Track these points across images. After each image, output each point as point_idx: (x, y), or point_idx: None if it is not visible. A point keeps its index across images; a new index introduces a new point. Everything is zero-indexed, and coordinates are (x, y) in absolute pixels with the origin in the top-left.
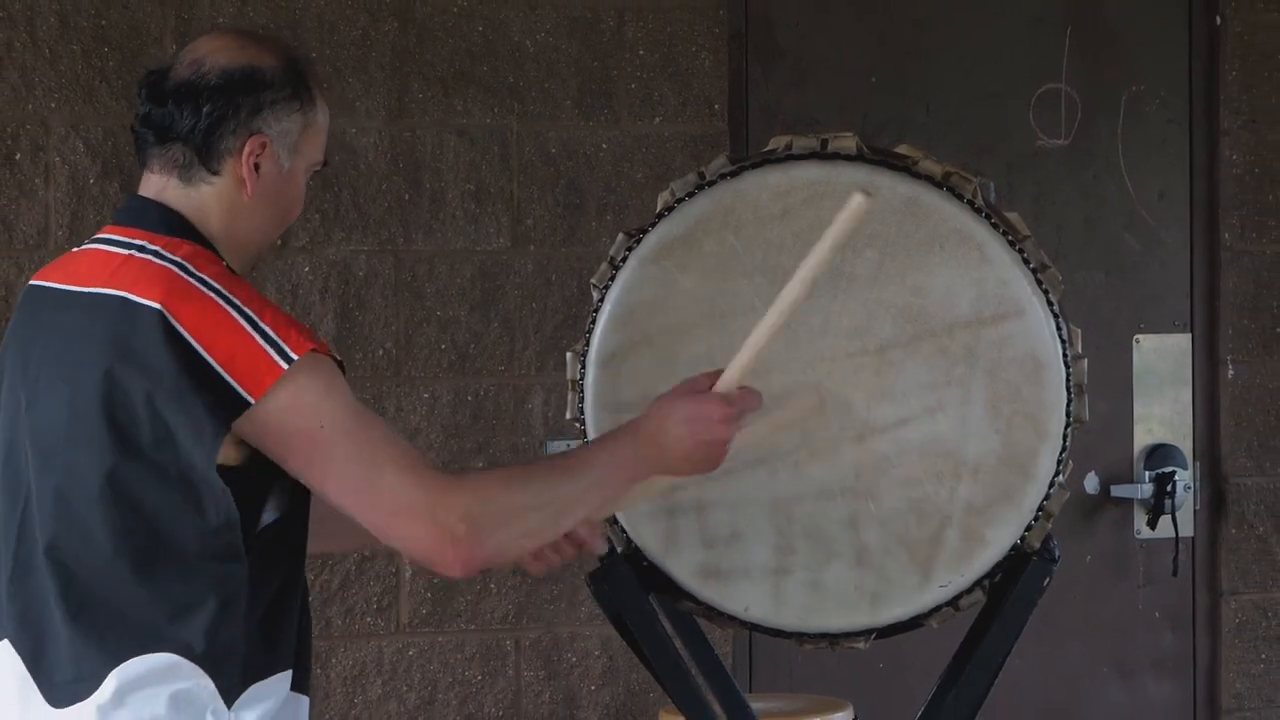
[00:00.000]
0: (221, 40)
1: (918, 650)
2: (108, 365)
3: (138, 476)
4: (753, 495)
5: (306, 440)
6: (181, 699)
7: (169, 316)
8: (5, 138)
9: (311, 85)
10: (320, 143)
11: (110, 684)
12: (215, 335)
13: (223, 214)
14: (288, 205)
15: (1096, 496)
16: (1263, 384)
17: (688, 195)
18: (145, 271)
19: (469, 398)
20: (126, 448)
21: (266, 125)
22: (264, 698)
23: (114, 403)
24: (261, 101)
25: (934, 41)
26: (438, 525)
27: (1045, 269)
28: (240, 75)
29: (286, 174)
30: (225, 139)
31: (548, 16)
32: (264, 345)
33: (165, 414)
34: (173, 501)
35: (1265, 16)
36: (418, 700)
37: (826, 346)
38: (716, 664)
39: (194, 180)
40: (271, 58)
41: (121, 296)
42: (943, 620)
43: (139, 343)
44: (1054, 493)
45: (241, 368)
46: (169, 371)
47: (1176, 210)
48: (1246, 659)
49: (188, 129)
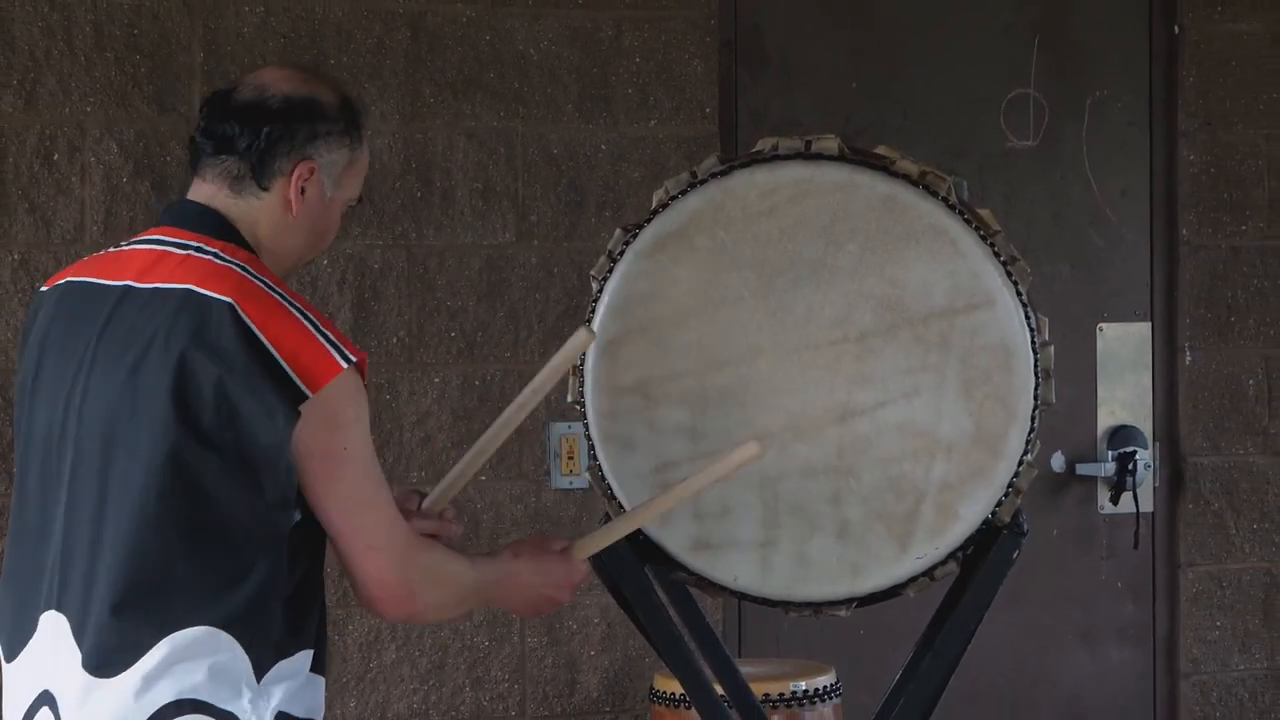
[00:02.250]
0: (286, 72)
1: (896, 618)
2: (181, 350)
3: (198, 455)
4: (742, 473)
5: (330, 456)
6: (219, 670)
7: (239, 310)
8: (44, 139)
9: (362, 125)
10: (360, 180)
11: (155, 655)
12: (282, 332)
13: (268, 227)
14: (323, 231)
15: (1062, 474)
16: (1218, 369)
17: (681, 193)
18: (212, 269)
19: (476, 382)
20: (190, 427)
21: (318, 154)
22: (289, 675)
23: (184, 385)
24: (317, 131)
25: (911, 50)
26: (399, 573)
27: (1015, 262)
28: (301, 103)
29: (327, 202)
30: (279, 159)
31: (550, 26)
32: (326, 345)
33: (234, 398)
34: (230, 481)
35: (1220, 26)
36: (429, 664)
37: (810, 334)
38: (708, 631)
39: (244, 193)
40: (331, 93)
41: (191, 290)
42: (919, 590)
43: (212, 331)
44: (1023, 470)
45: (304, 363)
46: (240, 359)
47: (1137, 207)
48: (1203, 626)
49: (246, 145)
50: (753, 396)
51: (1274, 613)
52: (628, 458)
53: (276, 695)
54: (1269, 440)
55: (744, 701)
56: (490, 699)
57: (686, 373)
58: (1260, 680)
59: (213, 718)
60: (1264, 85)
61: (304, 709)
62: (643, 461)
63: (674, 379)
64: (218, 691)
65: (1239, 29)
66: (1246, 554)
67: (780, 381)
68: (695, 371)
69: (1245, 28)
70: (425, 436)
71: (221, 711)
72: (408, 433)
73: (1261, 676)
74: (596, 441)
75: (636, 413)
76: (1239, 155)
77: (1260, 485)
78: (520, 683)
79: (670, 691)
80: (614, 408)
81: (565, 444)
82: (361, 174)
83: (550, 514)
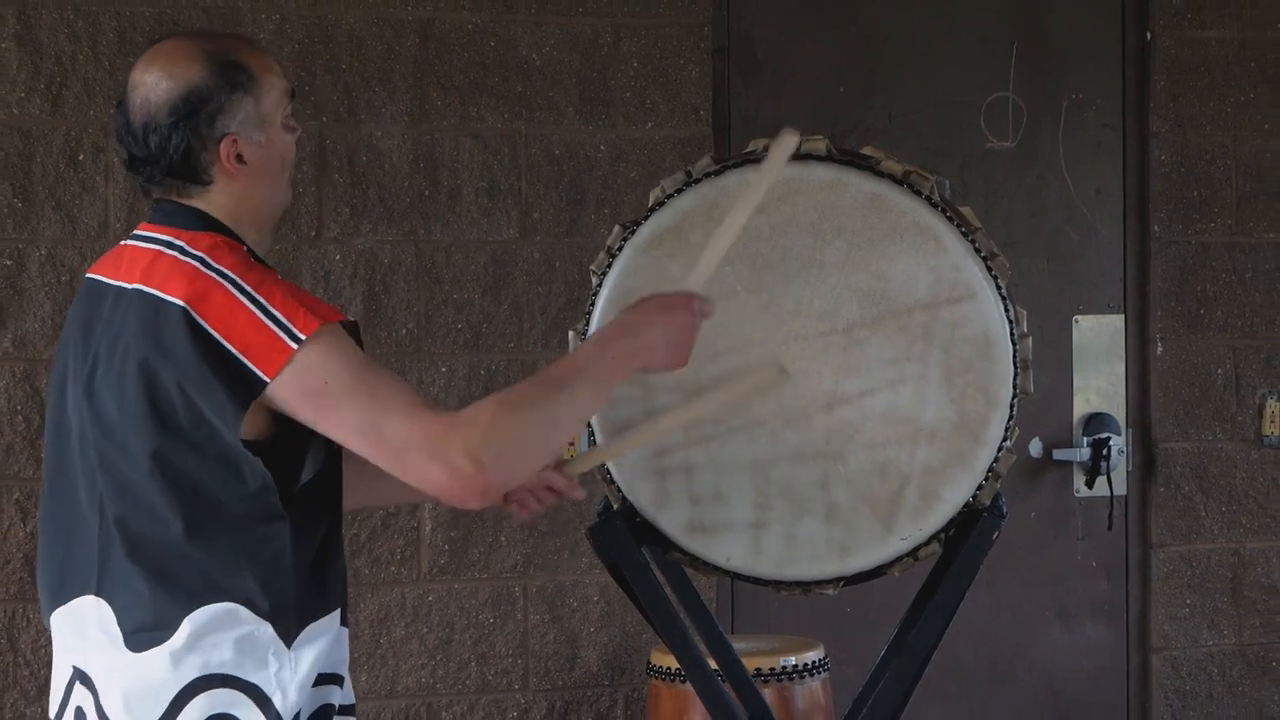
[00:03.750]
0: (154, 68)
1: (882, 596)
2: (142, 357)
3: (180, 453)
4: (735, 458)
5: (318, 399)
6: (245, 643)
7: (192, 312)
8: (70, 140)
9: (243, 63)
10: (277, 98)
11: (182, 632)
12: (232, 324)
13: (230, 205)
14: (281, 162)
15: (1040, 459)
16: (1188, 359)
17: (676, 191)
18: (171, 269)
19: (482, 371)
20: (168, 429)
21: (227, 126)
22: (319, 636)
23: (153, 389)
24: (211, 112)
25: (895, 56)
26: (442, 464)
27: (994, 257)
28: (183, 101)
29: (266, 144)
30: (199, 155)
31: (552, 33)
32: (274, 329)
33: (194, 398)
34: (214, 473)
35: (1190, 33)
36: (436, 640)
37: (800, 326)
38: (702, 608)
39: (194, 193)
40: (199, 66)
41: (152, 294)
42: (903, 569)
43: (168, 336)
44: (1002, 455)
45: (256, 351)
46: (192, 361)
47: (1111, 205)
48: (1173, 604)
49: (166, 166)
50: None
51: (1241, 591)
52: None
53: (307, 659)
54: (1236, 427)
55: (736, 676)
56: (495, 673)
57: None
58: (1228, 655)
59: (239, 690)
60: (1231, 89)
61: (332, 665)
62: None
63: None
64: (243, 664)
65: (1207, 35)
66: (1215, 535)
67: None
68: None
69: (1214, 34)
70: None
71: (247, 684)
72: None
73: (1229, 652)
74: (597, 428)
75: (635, 401)
76: (1208, 156)
77: (1228, 470)
78: (523, 658)
79: (666, 666)
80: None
81: None
82: (273, 94)
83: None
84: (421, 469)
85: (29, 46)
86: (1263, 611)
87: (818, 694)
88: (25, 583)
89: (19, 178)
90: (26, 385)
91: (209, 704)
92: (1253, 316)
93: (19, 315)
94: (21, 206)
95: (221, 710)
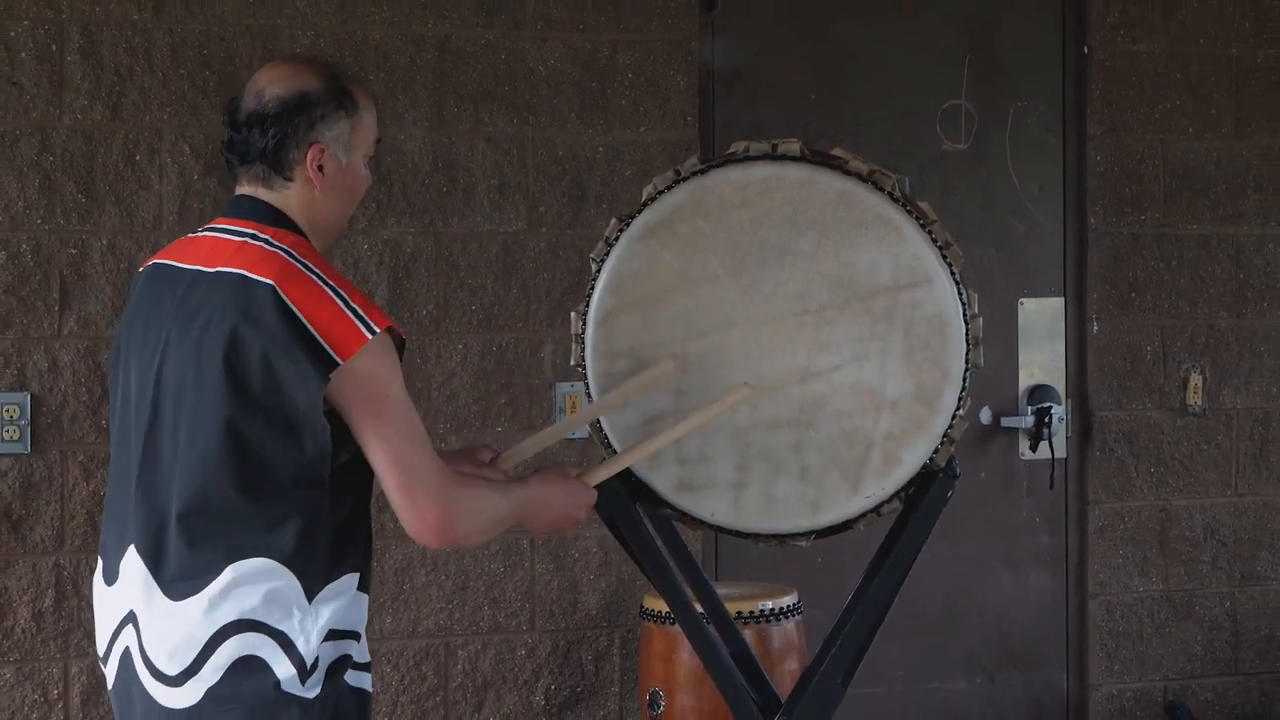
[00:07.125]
0: (276, 71)
1: (849, 547)
2: (233, 325)
3: (249, 417)
4: (719, 425)
5: (374, 403)
6: (273, 595)
7: (279, 291)
8: (128, 143)
9: (352, 92)
10: (367, 135)
11: (220, 582)
12: (316, 308)
13: (303, 208)
14: (353, 189)
15: (989, 426)
16: (1120, 337)
17: (667, 188)
18: (260, 255)
19: (494, 348)
20: (241, 394)
21: (321, 135)
22: (337, 594)
23: (234, 356)
24: (313, 117)
25: (860, 68)
26: (440, 506)
27: (949, 246)
28: (293, 100)
29: (346, 167)
30: (290, 152)
31: (556, 47)
32: (353, 318)
33: (276, 367)
34: (276, 438)
35: (1124, 47)
36: (453, 587)
37: (776, 307)
38: (689, 558)
39: (275, 186)
40: (316, 79)
41: (242, 274)
42: (868, 524)
43: (257, 310)
44: (955, 423)
45: (335, 335)
46: (280, 333)
47: (1052, 200)
48: (1108, 554)
49: (260, 150)
50: (727, 360)
51: (1168, 543)
52: (622, 411)
53: (325, 613)
54: (1163, 397)
55: (720, 618)
56: (505, 616)
57: (671, 340)
58: (1156, 600)
59: (266, 635)
60: (1159, 97)
61: (349, 623)
62: (634, 415)
63: (660, 345)
64: (271, 612)
65: (1139, 49)
66: (1145, 493)
67: (750, 348)
68: (678, 339)
69: (1144, 48)
70: (450, 394)
71: (274, 630)
72: (435, 391)
73: (1157, 597)
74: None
75: (629, 374)
76: (1138, 156)
77: (1156, 435)
78: (530, 602)
79: (658, 610)
80: (610, 369)
81: (569, 400)
82: (367, 130)
83: (555, 460)
84: (422, 502)
85: (92, 60)
86: (1187, 561)
87: (792, 634)
88: (89, 536)
89: (82, 176)
90: (90, 360)
91: (240, 646)
92: (1178, 299)
93: (83, 298)
94: (85, 202)
95: (251, 651)
